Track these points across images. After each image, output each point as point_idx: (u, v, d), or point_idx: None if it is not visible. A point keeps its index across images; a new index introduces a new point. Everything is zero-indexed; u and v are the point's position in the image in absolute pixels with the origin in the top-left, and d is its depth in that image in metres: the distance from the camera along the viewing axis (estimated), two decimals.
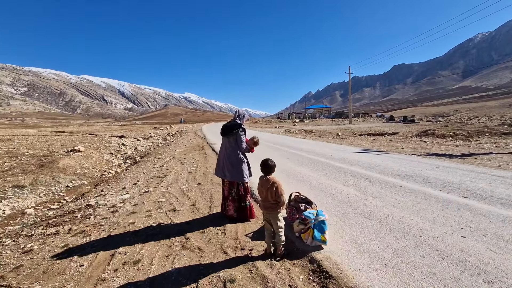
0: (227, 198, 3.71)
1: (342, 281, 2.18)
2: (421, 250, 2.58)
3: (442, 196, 4.17)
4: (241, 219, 3.66)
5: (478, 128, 17.63)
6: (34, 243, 3.44)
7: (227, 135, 3.64)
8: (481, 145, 10.51)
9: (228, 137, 3.65)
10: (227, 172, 3.60)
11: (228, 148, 3.65)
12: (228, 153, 3.64)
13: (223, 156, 3.69)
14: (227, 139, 3.68)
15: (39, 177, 7.85)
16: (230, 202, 3.68)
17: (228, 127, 3.61)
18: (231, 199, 3.67)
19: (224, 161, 3.66)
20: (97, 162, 11.09)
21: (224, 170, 3.63)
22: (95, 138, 21.24)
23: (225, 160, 3.64)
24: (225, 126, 3.65)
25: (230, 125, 3.62)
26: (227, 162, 3.62)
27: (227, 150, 3.66)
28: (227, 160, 3.62)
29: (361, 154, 8.84)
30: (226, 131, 3.61)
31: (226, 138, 3.68)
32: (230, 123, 3.68)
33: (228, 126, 3.63)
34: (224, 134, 3.65)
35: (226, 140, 3.69)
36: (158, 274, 2.49)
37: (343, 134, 19.17)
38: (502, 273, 2.16)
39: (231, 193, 3.66)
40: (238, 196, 3.65)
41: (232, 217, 3.68)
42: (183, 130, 35.48)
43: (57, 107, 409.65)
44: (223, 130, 3.64)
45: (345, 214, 3.64)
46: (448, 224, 3.13)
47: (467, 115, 52.39)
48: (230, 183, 3.65)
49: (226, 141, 3.69)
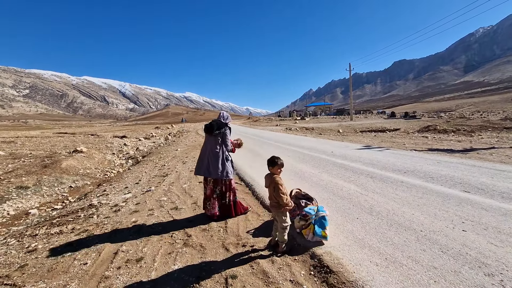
0: (210, 197, 3.69)
1: (343, 275, 2.20)
2: (422, 245, 2.58)
3: (443, 191, 4.16)
4: (225, 217, 3.67)
5: (480, 123, 17.53)
6: (38, 242, 3.47)
7: (213, 133, 3.63)
8: (483, 140, 10.45)
9: (215, 136, 3.65)
10: (212, 169, 3.59)
11: (213, 146, 3.66)
12: (213, 151, 3.64)
13: (208, 154, 3.67)
14: (212, 137, 3.67)
15: (42, 178, 7.92)
16: (213, 200, 3.67)
17: (215, 125, 3.61)
18: (215, 197, 3.68)
19: (209, 159, 3.64)
20: (100, 162, 11.15)
21: (209, 168, 3.61)
22: (97, 138, 21.34)
23: (210, 158, 3.63)
24: (211, 124, 3.64)
25: (217, 124, 3.63)
26: (212, 160, 3.61)
27: (213, 148, 3.65)
28: (212, 158, 3.62)
29: (362, 151, 8.83)
30: (213, 129, 3.60)
31: (212, 136, 3.67)
32: (216, 121, 3.68)
33: (215, 124, 3.63)
34: (210, 132, 3.62)
35: (212, 138, 3.68)
36: (161, 271, 2.52)
37: (344, 131, 19.14)
38: (502, 266, 2.16)
39: (215, 191, 3.67)
40: (222, 194, 3.68)
41: (215, 215, 3.66)
42: (184, 129, 35.55)
43: (59, 108, 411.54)
44: (209, 128, 3.62)
45: (346, 209, 3.65)
46: (449, 219, 3.13)
47: (469, 110, 52.09)
48: (214, 181, 3.66)
49: (212, 140, 3.69)
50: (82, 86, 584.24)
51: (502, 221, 2.97)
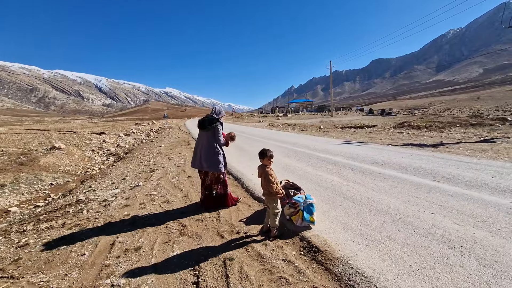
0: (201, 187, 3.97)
1: (330, 253, 2.47)
2: (397, 226, 2.92)
3: (416, 180, 4.59)
4: (218, 207, 3.89)
5: (450, 120, 18.76)
6: (29, 237, 3.46)
7: (205, 129, 3.80)
8: (452, 135, 11.31)
9: (207, 131, 3.82)
10: (204, 162, 3.79)
11: (206, 140, 3.84)
12: (206, 145, 3.82)
13: (201, 148, 3.86)
14: (205, 132, 3.85)
15: (19, 176, 7.61)
16: (203, 191, 3.94)
17: (207, 121, 3.78)
18: (204, 188, 3.92)
19: (201, 152, 3.83)
20: (80, 159, 10.82)
21: (202, 161, 3.81)
22: (74, 135, 20.47)
23: (203, 152, 3.81)
24: (203, 120, 3.82)
25: (209, 119, 3.80)
26: (204, 153, 3.80)
27: (205, 143, 3.84)
28: (204, 152, 3.80)
29: (343, 145, 9.28)
30: (205, 124, 3.78)
31: (205, 131, 3.85)
32: (208, 117, 3.86)
33: (206, 120, 3.80)
34: (203, 127, 3.80)
35: (204, 133, 3.87)
36: (160, 258, 2.66)
37: (325, 127, 19.76)
38: (463, 241, 2.53)
39: (205, 183, 3.90)
40: (210, 186, 3.89)
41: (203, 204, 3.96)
42: (166, 125, 34.88)
43: (29, 103, 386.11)
44: (201, 123, 3.80)
45: (330, 198, 3.95)
46: (421, 204, 3.51)
47: (441, 107, 55.25)
48: (205, 173, 3.86)
49: (204, 134, 3.87)
50: (54, 80, 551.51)
51: (464, 204, 3.39)
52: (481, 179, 4.42)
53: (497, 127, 13.53)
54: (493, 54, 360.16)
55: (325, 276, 2.23)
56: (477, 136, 10.44)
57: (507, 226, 2.75)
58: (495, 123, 15.10)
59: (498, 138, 9.45)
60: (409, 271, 2.13)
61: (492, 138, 9.40)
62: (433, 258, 2.28)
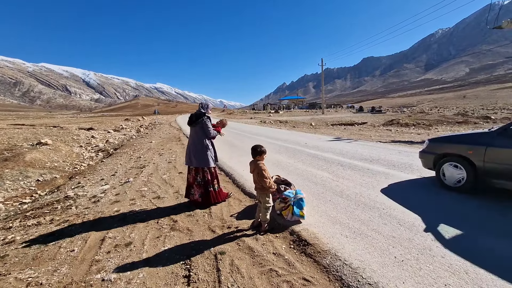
0: (192, 185, 3.88)
1: (318, 246, 2.54)
2: (383, 220, 3.01)
3: (402, 176, 4.73)
4: (206, 204, 3.85)
5: (437, 118, 19.26)
6: (15, 234, 3.40)
7: (193, 124, 3.81)
8: (439, 133, 11.65)
9: (195, 126, 3.82)
10: (194, 158, 3.79)
11: (194, 136, 3.85)
12: (194, 141, 3.83)
13: (191, 144, 3.87)
14: (193, 128, 3.86)
15: (4, 172, 7.40)
16: (195, 187, 3.86)
17: (194, 116, 3.80)
18: (197, 185, 3.85)
19: (191, 148, 3.84)
20: (67, 155, 10.59)
21: (191, 157, 3.81)
22: (61, 130, 19.96)
23: (192, 148, 3.82)
24: (191, 116, 3.83)
25: (196, 114, 3.81)
26: (193, 149, 3.81)
27: (194, 139, 3.85)
28: (193, 147, 3.81)
29: (333, 142, 9.42)
30: (192, 120, 3.79)
31: (193, 127, 3.86)
32: (195, 113, 3.86)
33: (193, 115, 3.82)
34: (191, 123, 3.82)
35: (193, 129, 3.87)
36: (152, 253, 2.67)
37: (316, 124, 19.95)
38: (445, 233, 2.65)
39: (196, 179, 3.85)
40: (204, 182, 3.84)
41: (197, 202, 3.87)
42: (157, 121, 34.43)
43: (13, 97, 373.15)
44: (190, 118, 3.82)
45: (320, 194, 4.03)
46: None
47: (429, 105, 56.51)
48: (196, 169, 3.84)
49: (193, 130, 3.88)
50: (40, 73, 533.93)
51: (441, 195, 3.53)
52: None
53: (481, 125, 14.00)
54: (479, 54, 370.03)
55: (314, 268, 2.29)
56: None
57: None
58: (480, 121, 15.60)
59: None
60: (394, 262, 2.22)
61: None
62: (417, 250, 2.38)
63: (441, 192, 3.81)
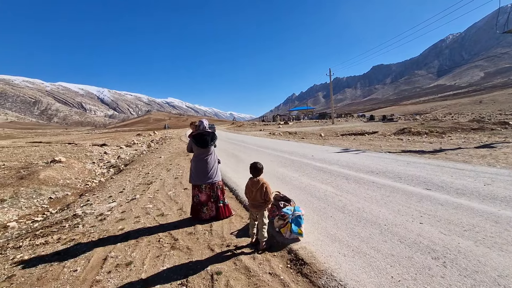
0: (207, 202, 3.98)
1: (315, 266, 2.50)
2: (384, 236, 2.94)
3: (408, 189, 4.61)
4: (219, 218, 3.98)
5: (451, 125, 18.74)
6: (24, 253, 3.52)
7: (208, 146, 3.93)
8: (452, 141, 11.30)
9: (209, 147, 3.96)
10: (214, 175, 3.97)
11: (210, 155, 4.00)
12: (212, 160, 4.01)
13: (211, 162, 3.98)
14: (206, 148, 3.95)
15: (19, 190, 7.72)
16: (212, 204, 3.99)
17: (209, 139, 3.92)
18: (213, 201, 4.00)
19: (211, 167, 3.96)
20: (80, 172, 10.93)
21: (213, 175, 3.95)
22: (76, 147, 20.70)
23: (212, 166, 3.97)
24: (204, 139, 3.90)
25: (210, 136, 3.95)
26: (213, 167, 3.98)
27: (210, 157, 4.00)
28: (212, 165, 3.98)
29: (341, 154, 9.32)
30: (208, 143, 3.91)
31: (206, 148, 3.94)
32: (204, 134, 3.94)
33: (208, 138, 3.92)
34: (206, 146, 3.91)
35: (205, 149, 3.95)
36: (150, 273, 2.70)
37: (325, 135, 19.81)
38: (447, 250, 2.55)
39: (212, 196, 3.99)
40: (217, 197, 4.01)
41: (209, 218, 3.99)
42: (167, 136, 35.14)
43: (32, 116, 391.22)
44: (205, 142, 3.90)
45: (321, 209, 3.98)
46: (410, 213, 3.53)
47: (442, 112, 55.16)
48: (211, 186, 3.97)
49: (205, 150, 3.95)
50: (57, 92, 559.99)
51: (453, 213, 3.41)
52: (473, 186, 4.44)
53: (499, 131, 13.49)
54: (493, 57, 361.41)
55: None
56: (477, 141, 10.43)
57: (493, 235, 2.78)
58: (497, 127, 15.05)
59: (499, 143, 9.44)
60: (390, 282, 2.16)
61: (492, 143, 9.39)
62: (415, 269, 2.30)
63: (446, 203, 3.69)
